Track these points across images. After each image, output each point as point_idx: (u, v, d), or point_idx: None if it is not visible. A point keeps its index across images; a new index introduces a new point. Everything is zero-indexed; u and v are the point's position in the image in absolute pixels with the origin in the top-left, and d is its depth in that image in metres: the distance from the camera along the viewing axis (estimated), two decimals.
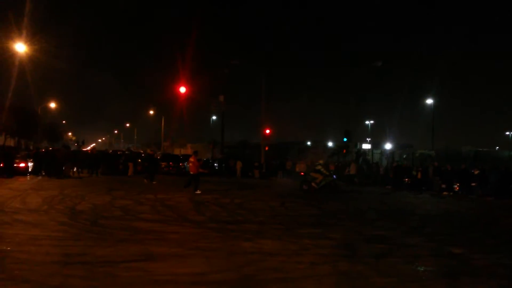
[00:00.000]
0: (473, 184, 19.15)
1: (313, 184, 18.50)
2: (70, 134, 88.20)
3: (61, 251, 6.32)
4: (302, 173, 18.95)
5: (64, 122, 77.62)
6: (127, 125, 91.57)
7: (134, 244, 6.94)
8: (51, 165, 22.01)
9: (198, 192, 15.64)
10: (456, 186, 20.23)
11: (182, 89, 28.07)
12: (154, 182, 19.88)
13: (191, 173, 16.46)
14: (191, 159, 16.71)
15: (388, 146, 50.83)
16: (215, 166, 32.02)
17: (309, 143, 62.59)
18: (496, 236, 9.22)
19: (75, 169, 24.01)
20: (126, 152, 35.11)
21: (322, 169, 18.89)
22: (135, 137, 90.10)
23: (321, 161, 20.79)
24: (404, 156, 42.71)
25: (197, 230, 8.43)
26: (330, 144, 56.79)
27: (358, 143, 53.57)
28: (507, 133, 64.90)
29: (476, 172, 19.07)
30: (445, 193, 19.82)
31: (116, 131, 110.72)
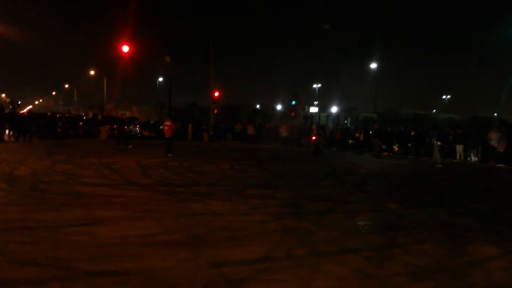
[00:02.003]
0: (410, 144, 20.41)
1: (320, 146, 20.66)
2: (3, 95, 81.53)
3: (0, 217, 6.01)
4: (315, 137, 20.32)
5: None
6: (66, 86, 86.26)
7: (78, 208, 6.73)
8: None
9: (170, 155, 15.91)
10: (395, 146, 21.48)
11: (125, 48, 26.56)
12: (129, 146, 19.17)
13: (167, 136, 16.65)
14: (167, 123, 16.93)
15: (334, 109, 52.35)
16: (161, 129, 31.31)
17: (258, 106, 62.78)
18: (429, 193, 9.99)
19: (11, 133, 22.51)
20: (66, 115, 33.30)
21: (321, 132, 21.80)
22: (75, 99, 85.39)
23: (314, 126, 23.54)
24: (349, 119, 44.37)
25: (145, 193, 8.33)
26: (279, 107, 57.38)
27: (306, 106, 54.57)
28: (444, 96, 69.33)
29: (413, 133, 20.27)
30: (385, 153, 21.02)
31: (54, 93, 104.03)
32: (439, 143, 16.05)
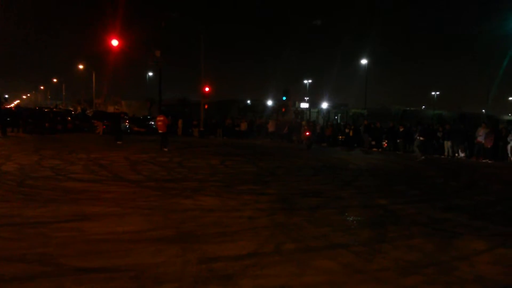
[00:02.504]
0: (399, 140, 20.55)
1: (311, 141, 21.30)
2: None
3: None
4: (308, 133, 20.85)
5: None
6: (54, 80, 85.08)
7: (67, 204, 6.66)
8: None
9: (165, 149, 16.09)
10: (384, 142, 21.63)
11: (114, 42, 26.21)
12: (118, 142, 19.05)
13: (160, 131, 16.80)
14: (160, 118, 17.10)
15: (324, 105, 52.49)
16: (152, 125, 31.12)
17: (248, 101, 62.67)
18: (418, 188, 10.08)
19: None
20: (54, 109, 32.93)
21: (313, 128, 22.69)
22: (64, 93, 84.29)
23: (304, 122, 24.97)
24: (339, 115, 44.58)
25: (135, 189, 8.27)
26: (269, 103, 57.35)
27: (297, 102, 54.61)
28: (433, 93, 70.37)
29: (401, 129, 20.39)
30: (374, 149, 21.16)
31: (42, 87, 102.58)
32: (421, 138, 16.55)
